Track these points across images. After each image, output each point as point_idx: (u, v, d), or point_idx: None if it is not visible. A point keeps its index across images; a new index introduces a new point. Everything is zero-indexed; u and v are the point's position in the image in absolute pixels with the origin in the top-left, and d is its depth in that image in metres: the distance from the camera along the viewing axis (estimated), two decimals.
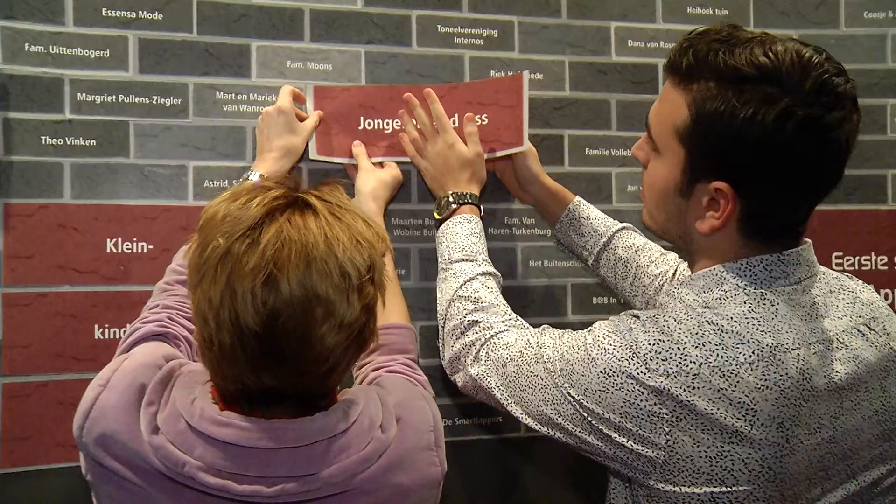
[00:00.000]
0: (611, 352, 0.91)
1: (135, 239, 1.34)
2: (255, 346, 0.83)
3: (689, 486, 0.88)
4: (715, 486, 0.87)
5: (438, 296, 1.24)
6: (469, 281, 1.19)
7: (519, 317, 1.15)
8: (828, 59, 0.88)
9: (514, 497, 1.48)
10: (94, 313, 1.31)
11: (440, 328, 1.21)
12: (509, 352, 1.05)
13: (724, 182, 0.89)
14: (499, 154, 1.40)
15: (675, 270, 1.28)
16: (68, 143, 1.32)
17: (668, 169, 0.95)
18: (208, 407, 0.88)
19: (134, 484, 0.86)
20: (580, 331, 1.00)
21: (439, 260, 1.28)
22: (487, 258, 1.25)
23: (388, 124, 1.42)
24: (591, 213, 1.39)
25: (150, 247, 1.34)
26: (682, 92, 0.91)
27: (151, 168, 1.35)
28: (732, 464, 0.86)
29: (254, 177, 1.27)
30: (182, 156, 1.36)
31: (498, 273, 1.24)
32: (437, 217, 1.34)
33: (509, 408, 1.04)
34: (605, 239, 1.36)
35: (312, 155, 1.38)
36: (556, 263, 1.51)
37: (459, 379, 1.14)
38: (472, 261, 1.22)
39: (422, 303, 1.44)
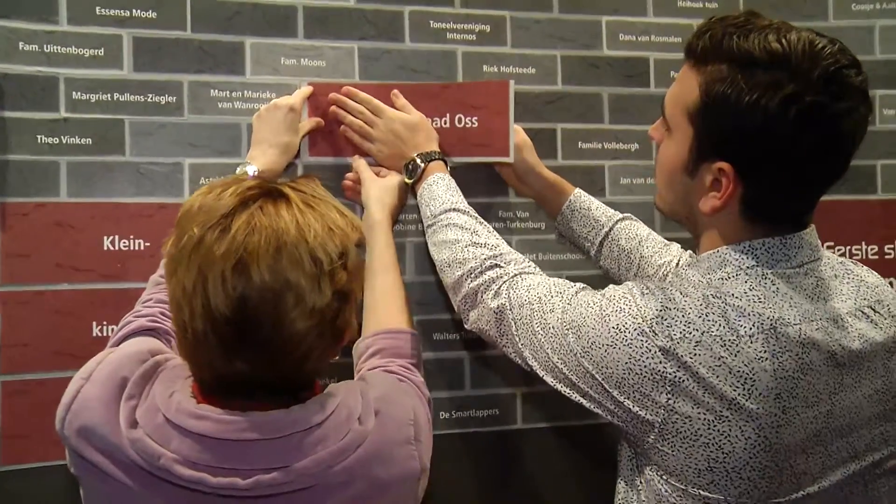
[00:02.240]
0: (624, 310, 0.94)
1: (131, 236, 1.34)
2: (227, 330, 0.83)
3: (686, 449, 0.90)
4: (712, 451, 0.89)
5: (432, 248, 1.23)
6: (470, 229, 1.18)
7: (533, 263, 1.15)
8: (841, 51, 0.89)
9: (511, 489, 1.49)
10: (92, 311, 1.32)
11: (440, 272, 1.20)
12: (529, 294, 1.05)
13: (727, 163, 0.91)
14: (486, 160, 1.42)
15: (679, 261, 1.29)
16: (64, 141, 1.32)
17: (677, 148, 0.96)
18: (185, 400, 0.88)
19: (114, 478, 0.86)
20: (595, 290, 1.02)
21: (424, 220, 1.27)
22: (470, 207, 1.24)
23: None
24: (592, 205, 1.40)
25: (147, 244, 1.34)
26: (696, 73, 0.93)
27: (147, 166, 1.36)
28: (730, 429, 0.88)
29: (250, 169, 1.27)
30: (177, 153, 1.37)
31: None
32: (408, 182, 1.34)
33: (521, 348, 1.05)
34: (606, 229, 1.37)
35: (305, 157, 1.39)
36: (550, 256, 1.52)
37: (474, 314, 1.13)
38: (456, 210, 1.22)
39: (418, 297, 1.45)
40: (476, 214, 1.23)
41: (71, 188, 1.33)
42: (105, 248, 1.33)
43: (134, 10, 1.36)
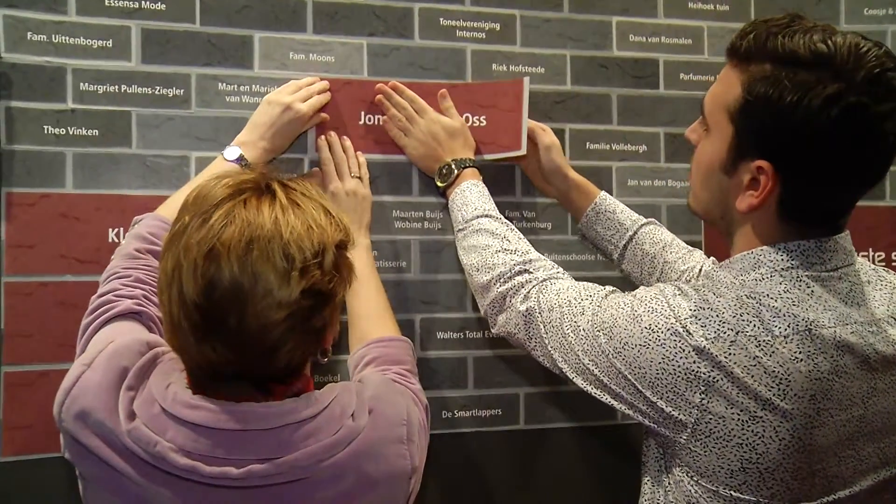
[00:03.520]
0: (657, 310, 0.94)
1: None
2: (196, 316, 0.85)
3: (719, 449, 0.90)
4: (745, 451, 0.89)
5: (461, 252, 1.25)
6: (500, 235, 1.20)
7: (562, 269, 1.16)
8: (887, 54, 0.88)
9: (513, 489, 1.49)
10: None
11: (468, 276, 1.22)
12: (559, 298, 1.06)
13: (767, 161, 0.90)
14: (495, 157, 1.42)
15: (702, 267, 1.29)
16: (70, 132, 1.32)
17: (716, 146, 0.96)
18: (181, 391, 0.89)
19: (111, 464, 0.87)
20: (626, 292, 1.02)
21: (455, 224, 1.29)
22: (501, 215, 1.26)
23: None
24: (617, 208, 1.40)
25: None
26: (738, 73, 0.92)
27: (154, 158, 1.35)
28: (763, 430, 0.88)
29: (233, 152, 1.26)
30: (184, 146, 1.37)
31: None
32: (440, 185, 1.37)
33: (551, 350, 1.06)
34: (630, 233, 1.37)
35: (312, 152, 1.40)
36: (556, 257, 1.51)
37: (502, 318, 1.14)
38: (488, 216, 1.24)
39: (422, 295, 1.45)
40: (507, 221, 1.24)
41: (77, 179, 1.32)
42: (110, 240, 1.33)
43: (143, 2, 1.35)
